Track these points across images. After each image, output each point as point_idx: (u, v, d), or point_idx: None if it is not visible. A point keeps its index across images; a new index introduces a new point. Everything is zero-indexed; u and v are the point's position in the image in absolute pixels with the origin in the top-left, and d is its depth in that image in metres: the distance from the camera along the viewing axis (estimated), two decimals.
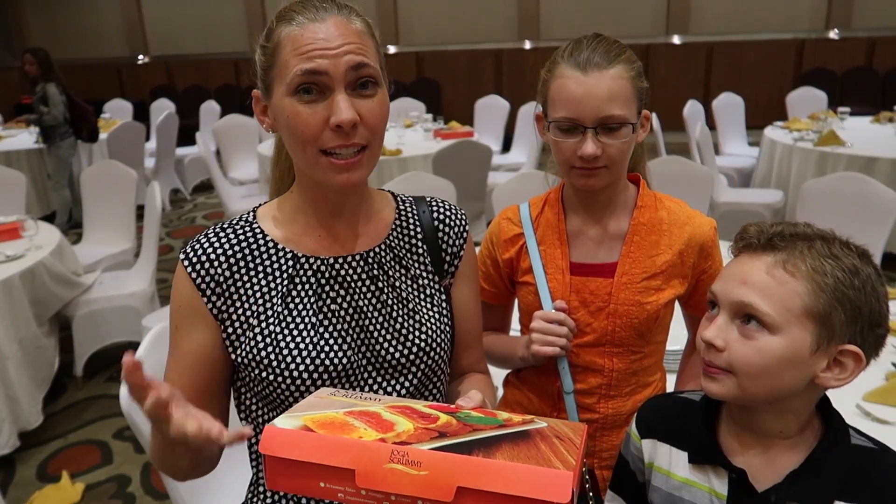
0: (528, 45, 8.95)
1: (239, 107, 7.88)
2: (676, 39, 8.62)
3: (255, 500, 1.03)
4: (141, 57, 10.42)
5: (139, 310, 3.26)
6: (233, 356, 0.94)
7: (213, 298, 0.93)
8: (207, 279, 0.92)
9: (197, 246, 0.94)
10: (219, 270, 0.93)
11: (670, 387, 1.38)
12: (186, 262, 0.93)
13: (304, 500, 0.98)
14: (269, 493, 1.01)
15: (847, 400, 1.49)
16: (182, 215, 6.35)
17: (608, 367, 1.20)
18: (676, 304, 1.27)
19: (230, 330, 0.94)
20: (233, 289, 0.93)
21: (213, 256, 0.93)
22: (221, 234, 0.95)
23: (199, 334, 0.94)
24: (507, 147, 6.48)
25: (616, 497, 1.05)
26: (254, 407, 0.99)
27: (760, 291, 0.80)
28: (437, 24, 9.30)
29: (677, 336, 1.39)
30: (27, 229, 3.03)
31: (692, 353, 1.36)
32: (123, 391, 1.38)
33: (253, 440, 1.02)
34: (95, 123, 5.70)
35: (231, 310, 0.93)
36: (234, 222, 0.98)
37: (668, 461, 0.95)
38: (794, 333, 0.79)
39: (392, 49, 9.33)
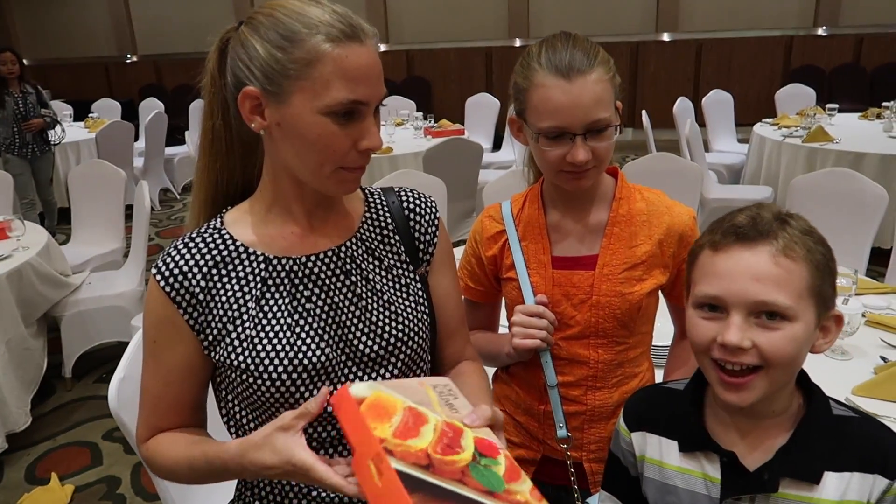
0: (518, 42, 8.96)
1: None
2: (666, 37, 8.64)
3: (246, 492, 1.04)
4: (129, 56, 10.35)
5: (128, 310, 3.24)
6: (215, 361, 0.95)
7: (189, 310, 0.93)
8: (182, 291, 0.92)
9: (169, 260, 0.93)
10: (192, 282, 0.92)
11: (658, 378, 1.38)
12: (159, 277, 0.92)
13: (290, 494, 0.98)
14: (258, 488, 1.01)
15: (836, 393, 1.49)
16: (172, 215, 6.32)
17: (593, 359, 1.21)
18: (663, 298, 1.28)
19: (210, 338, 0.93)
20: (208, 297, 0.93)
21: (185, 269, 0.93)
22: (192, 245, 0.95)
23: (181, 347, 0.94)
24: (497, 145, 6.49)
25: (610, 497, 1.05)
26: (235, 409, 0.99)
27: (776, 285, 0.79)
28: (427, 22, 9.29)
29: (668, 332, 1.40)
30: (14, 229, 3.00)
31: (679, 343, 1.36)
32: (112, 391, 1.37)
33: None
34: None
35: (209, 318, 0.93)
36: (202, 231, 0.97)
37: (658, 451, 0.95)
38: (806, 316, 0.81)
39: (382, 47, 9.30)
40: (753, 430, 0.88)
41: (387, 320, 0.98)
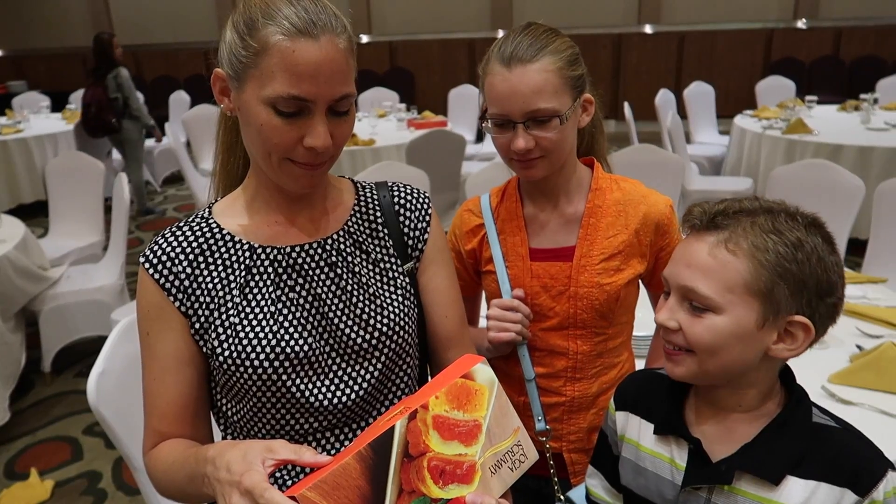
0: (500, 34, 8.92)
1: (209, 97, 7.74)
2: (648, 29, 8.67)
3: None
4: None
5: (108, 303, 3.21)
6: (204, 351, 0.94)
7: (179, 296, 0.93)
8: (171, 278, 0.93)
9: (156, 248, 0.95)
10: (179, 268, 0.93)
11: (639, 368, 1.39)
12: (148, 265, 0.94)
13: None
14: None
15: (812, 381, 1.52)
16: (152, 207, 6.24)
17: (572, 350, 1.21)
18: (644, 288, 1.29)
19: (197, 326, 0.94)
20: (195, 285, 0.94)
21: (172, 255, 0.94)
22: (178, 233, 0.96)
23: (173, 333, 0.94)
24: (480, 137, 6.48)
25: (596, 472, 1.07)
26: (222, 401, 0.99)
27: (702, 274, 0.82)
28: (409, 13, 9.24)
29: (649, 322, 1.40)
30: None
31: (659, 333, 1.37)
32: (90, 386, 1.36)
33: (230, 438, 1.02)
34: None
35: (196, 305, 0.93)
36: (190, 220, 0.98)
37: (637, 432, 0.97)
38: (737, 311, 0.81)
39: (365, 38, 9.24)
40: (725, 423, 0.89)
41: (372, 312, 0.97)
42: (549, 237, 1.22)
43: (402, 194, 1.08)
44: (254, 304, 0.93)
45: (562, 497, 1.22)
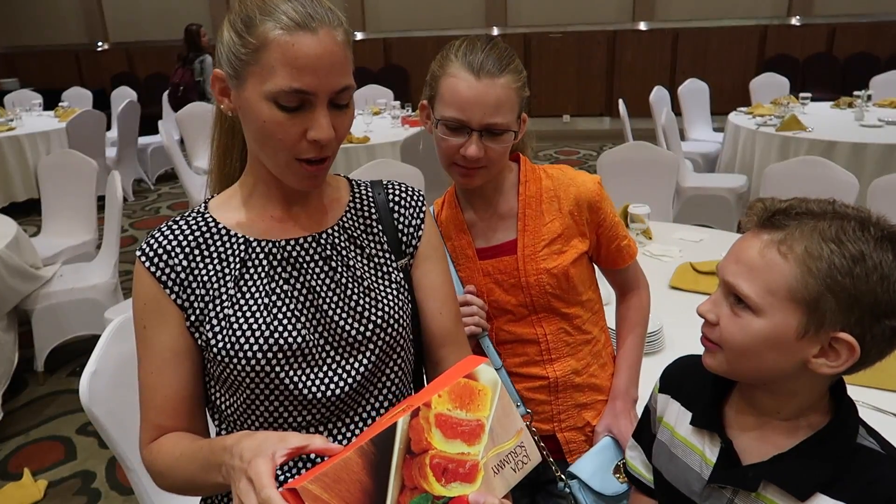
0: (495, 31, 8.93)
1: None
2: (643, 26, 8.67)
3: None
4: (100, 43, 10.15)
5: (101, 302, 3.20)
6: (199, 344, 0.94)
7: (175, 289, 0.94)
8: (167, 271, 0.94)
9: (152, 241, 0.95)
10: (175, 261, 0.94)
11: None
12: (144, 258, 0.94)
13: None
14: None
15: None
16: (146, 206, 6.23)
17: (540, 334, 1.27)
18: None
19: (192, 318, 0.94)
20: (190, 278, 0.94)
21: (168, 248, 0.95)
22: (175, 227, 0.97)
23: (170, 327, 0.94)
24: None
25: (636, 446, 1.08)
26: (216, 395, 0.99)
27: (748, 272, 0.80)
28: (404, 10, 9.22)
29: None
30: None
31: (623, 303, 1.42)
32: (83, 385, 1.35)
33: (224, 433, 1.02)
34: None
35: (192, 298, 0.94)
36: (186, 214, 0.99)
37: (674, 418, 0.97)
38: (776, 317, 0.78)
39: (359, 35, 9.21)
40: (762, 427, 0.86)
41: (367, 305, 0.98)
42: (492, 235, 1.28)
43: (397, 192, 1.09)
44: (248, 296, 0.94)
45: (562, 476, 1.22)
